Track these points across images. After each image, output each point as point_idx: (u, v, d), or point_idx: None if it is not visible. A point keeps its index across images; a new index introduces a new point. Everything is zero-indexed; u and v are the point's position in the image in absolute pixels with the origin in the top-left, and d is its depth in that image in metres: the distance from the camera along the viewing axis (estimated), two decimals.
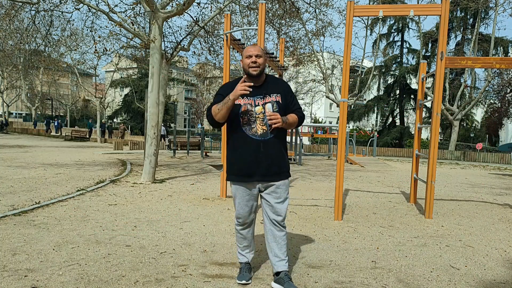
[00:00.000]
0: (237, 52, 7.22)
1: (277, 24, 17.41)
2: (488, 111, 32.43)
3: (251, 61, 2.85)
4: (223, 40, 7.07)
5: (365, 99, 36.89)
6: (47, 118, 38.21)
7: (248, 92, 2.71)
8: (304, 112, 3.16)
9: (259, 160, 2.86)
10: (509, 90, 26.18)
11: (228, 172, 3.00)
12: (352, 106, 32.21)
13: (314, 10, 19.02)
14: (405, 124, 32.62)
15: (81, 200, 6.00)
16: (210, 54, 13.68)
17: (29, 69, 32.03)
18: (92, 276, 3.06)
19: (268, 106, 2.88)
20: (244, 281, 3.00)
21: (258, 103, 2.88)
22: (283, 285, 2.88)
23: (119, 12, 9.78)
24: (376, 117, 36.79)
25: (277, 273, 2.97)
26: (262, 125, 2.85)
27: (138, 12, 11.52)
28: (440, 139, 37.34)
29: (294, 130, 14.42)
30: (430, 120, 12.61)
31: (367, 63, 36.29)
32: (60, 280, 2.97)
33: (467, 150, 25.42)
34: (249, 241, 3.12)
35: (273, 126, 2.79)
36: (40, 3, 10.29)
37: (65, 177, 8.55)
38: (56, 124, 36.40)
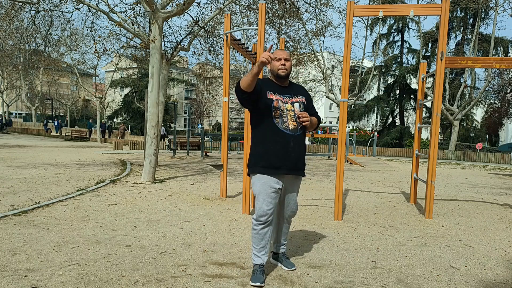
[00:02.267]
0: (237, 52, 7.22)
1: (277, 24, 17.41)
2: (488, 111, 32.40)
3: (280, 64, 3.09)
4: (223, 40, 7.07)
5: (365, 99, 36.87)
6: (46, 118, 38.30)
7: (268, 60, 2.76)
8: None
9: (288, 154, 3.03)
10: (509, 90, 26.17)
11: (255, 164, 3.05)
12: (352, 106, 32.19)
13: (314, 10, 19.02)
14: (405, 124, 32.59)
15: (81, 200, 6.00)
16: (210, 54, 13.68)
17: (29, 69, 32.02)
18: (92, 276, 3.06)
19: (296, 105, 3.13)
20: (258, 283, 2.95)
21: (287, 101, 3.11)
22: (282, 263, 3.37)
23: (119, 12, 9.78)
24: (376, 117, 36.75)
25: (275, 253, 3.43)
26: (292, 121, 3.07)
27: (138, 12, 11.51)
28: (440, 139, 37.34)
29: None
30: (430, 120, 12.60)
31: (367, 63, 36.28)
32: (60, 280, 2.97)
33: (467, 150, 25.41)
34: (267, 241, 3.08)
35: (303, 123, 3.06)
36: (40, 3, 10.28)
37: (65, 177, 8.55)
38: (56, 124, 36.44)
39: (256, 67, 2.82)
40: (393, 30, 31.62)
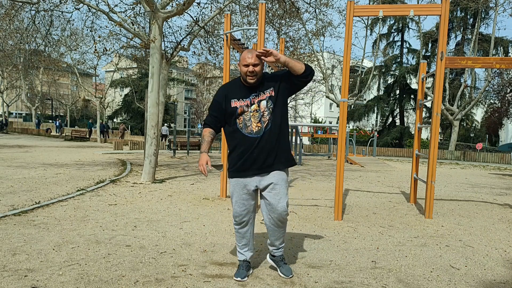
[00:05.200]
0: (237, 52, 7.22)
1: (277, 24, 17.41)
2: (488, 111, 32.39)
3: (248, 71, 2.90)
4: (223, 40, 7.08)
5: (365, 99, 36.88)
6: (38, 118, 38.39)
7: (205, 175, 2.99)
8: (304, 112, 3.23)
9: (255, 156, 2.96)
10: (509, 90, 26.15)
11: (228, 169, 3.13)
12: (352, 106, 32.20)
13: (314, 10, 19.02)
14: (405, 124, 32.60)
15: (81, 200, 6.00)
16: (210, 54, 13.67)
17: (29, 69, 32.02)
18: (92, 276, 3.06)
19: (263, 103, 2.97)
20: (239, 278, 3.07)
21: (254, 101, 2.97)
22: (279, 268, 3.21)
23: (119, 12, 9.78)
24: (376, 117, 36.76)
25: (273, 255, 3.27)
26: (257, 123, 2.96)
27: (138, 12, 11.51)
28: (440, 139, 37.31)
29: (294, 130, 14.42)
30: (430, 120, 12.61)
31: (367, 63, 36.27)
32: (60, 280, 2.97)
33: (467, 150, 25.40)
34: (248, 240, 3.17)
35: (262, 56, 2.85)
36: (40, 3, 10.28)
37: (65, 177, 8.55)
38: (56, 124, 36.48)
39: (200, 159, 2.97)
40: (393, 30, 31.64)
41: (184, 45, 12.02)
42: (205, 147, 3.01)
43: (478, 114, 40.00)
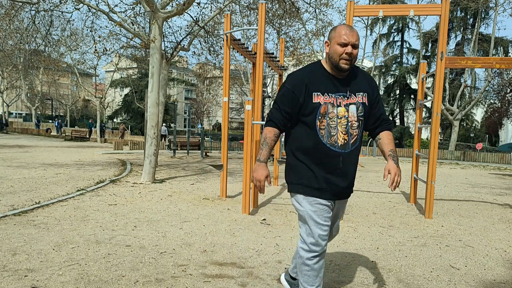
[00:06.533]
0: (237, 52, 7.22)
1: (277, 24, 17.42)
2: (488, 111, 32.40)
3: (346, 52, 2.15)
4: (223, 40, 7.08)
5: None
6: (37, 118, 38.44)
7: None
8: None
9: (335, 178, 2.26)
10: (509, 90, 26.16)
11: (297, 181, 2.30)
12: None
13: (314, 10, 19.04)
14: (405, 124, 32.63)
15: (81, 200, 6.00)
16: (210, 54, 13.67)
17: (29, 69, 32.03)
18: (92, 276, 3.06)
19: (352, 109, 2.24)
20: None
21: (340, 102, 2.22)
22: None
23: (119, 12, 9.77)
24: None
25: (294, 278, 2.77)
26: (343, 134, 2.21)
27: (138, 12, 11.51)
28: (440, 139, 37.31)
29: None
30: (430, 120, 12.61)
31: (367, 63, 36.28)
32: (60, 280, 2.97)
33: (467, 150, 25.39)
34: (322, 275, 2.37)
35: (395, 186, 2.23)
36: (40, 3, 10.28)
37: (65, 177, 8.55)
38: (56, 124, 36.49)
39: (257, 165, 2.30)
40: (393, 30, 31.66)
41: (184, 45, 12.03)
42: (265, 154, 2.27)
43: (478, 114, 40.02)
